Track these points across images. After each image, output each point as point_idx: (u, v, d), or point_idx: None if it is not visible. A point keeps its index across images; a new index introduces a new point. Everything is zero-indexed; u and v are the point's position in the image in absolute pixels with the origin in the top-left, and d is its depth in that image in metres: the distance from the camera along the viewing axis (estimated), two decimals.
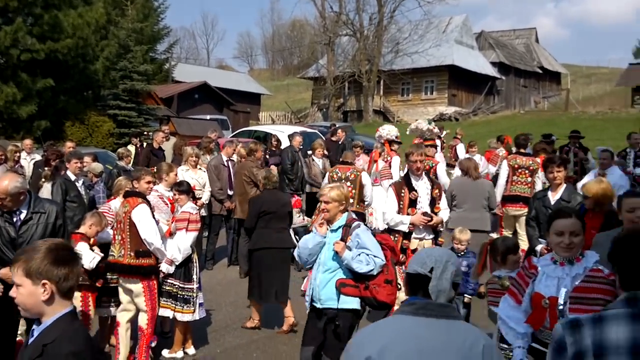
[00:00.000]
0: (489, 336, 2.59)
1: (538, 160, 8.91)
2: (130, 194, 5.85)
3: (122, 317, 5.82)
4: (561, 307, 3.31)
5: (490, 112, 42.93)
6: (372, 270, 4.56)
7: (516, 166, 8.86)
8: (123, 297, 5.82)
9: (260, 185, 7.58)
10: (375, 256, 4.60)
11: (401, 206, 6.18)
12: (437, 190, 6.37)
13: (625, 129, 20.99)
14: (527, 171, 8.81)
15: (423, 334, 2.32)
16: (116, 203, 6.47)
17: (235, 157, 10.41)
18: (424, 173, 6.46)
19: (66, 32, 21.00)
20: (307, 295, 4.85)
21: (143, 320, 5.69)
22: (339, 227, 4.79)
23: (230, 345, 6.54)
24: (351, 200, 7.97)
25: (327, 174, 9.01)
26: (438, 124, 14.35)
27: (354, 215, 4.99)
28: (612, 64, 66.08)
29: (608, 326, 2.28)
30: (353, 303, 4.65)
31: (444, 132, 17.18)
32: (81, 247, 5.59)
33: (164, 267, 5.93)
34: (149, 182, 6.04)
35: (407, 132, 10.73)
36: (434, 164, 8.89)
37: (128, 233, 5.65)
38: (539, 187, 8.66)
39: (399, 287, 4.87)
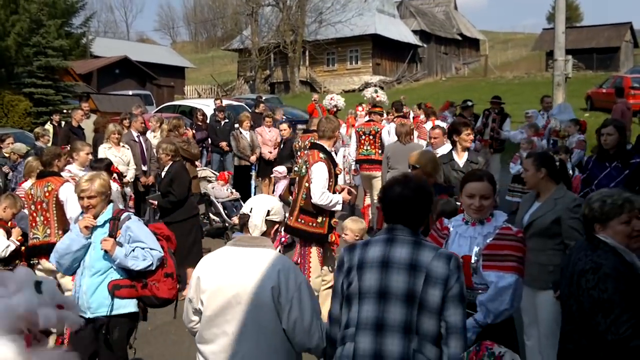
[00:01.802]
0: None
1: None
2: (49, 174, 5.74)
3: None
4: (474, 265, 3.44)
5: (413, 80, 43.81)
6: (150, 265, 4.10)
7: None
8: None
9: (169, 157, 7.48)
10: (151, 249, 4.14)
11: (330, 183, 5.77)
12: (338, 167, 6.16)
13: (540, 92, 21.90)
14: (365, 135, 9.91)
15: (235, 258, 3.11)
16: (29, 185, 6.26)
17: (151, 133, 10.35)
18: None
19: None
20: None
21: None
22: (105, 222, 4.15)
23: (162, 322, 6.57)
24: None
25: (294, 143, 9.47)
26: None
27: (120, 206, 4.51)
28: (527, 29, 68.91)
29: (370, 247, 2.89)
30: (129, 306, 4.14)
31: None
32: None
33: None
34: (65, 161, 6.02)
35: (365, 99, 11.59)
36: (379, 129, 9.41)
37: (54, 212, 5.57)
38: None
39: (179, 279, 4.44)
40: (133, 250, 4.06)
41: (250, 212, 3.23)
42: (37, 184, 5.73)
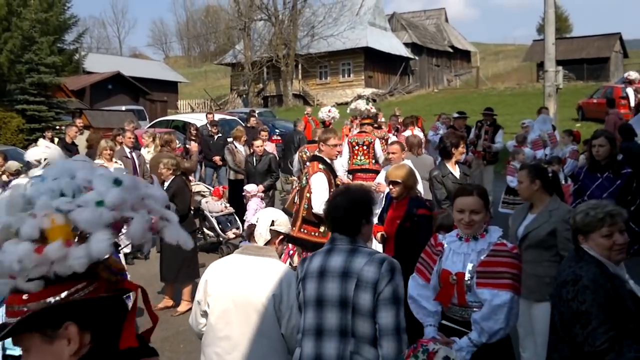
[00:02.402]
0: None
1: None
2: None
3: None
4: (468, 282, 3.36)
5: (405, 92, 44.00)
6: None
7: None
8: None
9: (171, 172, 7.47)
10: None
11: (331, 193, 5.79)
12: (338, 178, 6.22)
13: (532, 103, 22.15)
14: (383, 140, 10.20)
15: (239, 265, 3.35)
16: None
17: (145, 149, 10.33)
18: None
19: None
20: None
21: None
22: None
23: (156, 338, 6.51)
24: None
25: (297, 154, 9.18)
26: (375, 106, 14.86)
27: None
28: (517, 40, 69.07)
29: (314, 258, 3.12)
30: None
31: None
32: None
33: None
34: None
35: (348, 111, 11.41)
36: (372, 140, 9.47)
37: None
38: None
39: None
40: None
41: (257, 222, 3.48)
42: None
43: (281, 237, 3.50)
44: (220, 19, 69.59)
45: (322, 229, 5.89)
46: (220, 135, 13.01)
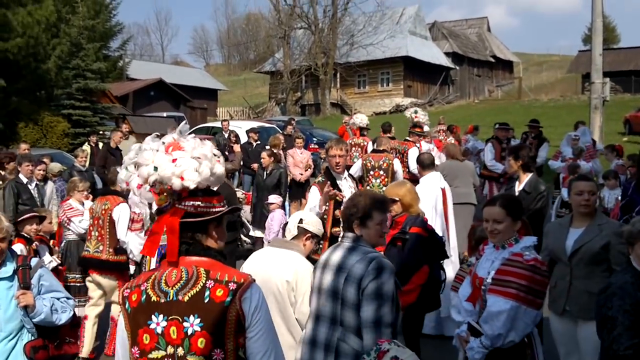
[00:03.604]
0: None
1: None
2: (111, 192, 6.06)
3: (91, 311, 6.00)
4: (483, 288, 3.54)
5: (445, 102, 43.58)
6: (70, 317, 3.59)
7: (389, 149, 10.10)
8: (94, 292, 6.01)
9: None
10: (67, 298, 3.67)
11: (327, 208, 5.47)
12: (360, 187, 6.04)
13: (576, 115, 21.63)
14: (398, 153, 9.78)
15: (267, 255, 3.90)
16: (74, 203, 6.44)
17: None
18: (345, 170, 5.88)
19: (16, 31, 20.36)
20: None
21: (116, 310, 5.77)
22: (14, 272, 3.45)
23: None
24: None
25: (361, 162, 8.69)
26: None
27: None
28: (562, 51, 67.57)
29: (326, 252, 3.46)
30: None
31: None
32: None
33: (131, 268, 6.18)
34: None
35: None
36: (408, 148, 9.54)
37: (107, 230, 5.86)
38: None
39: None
40: (52, 303, 3.52)
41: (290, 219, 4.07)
42: (99, 201, 6.09)
43: (308, 234, 3.94)
44: (260, 27, 70.27)
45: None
46: (259, 142, 13.08)
